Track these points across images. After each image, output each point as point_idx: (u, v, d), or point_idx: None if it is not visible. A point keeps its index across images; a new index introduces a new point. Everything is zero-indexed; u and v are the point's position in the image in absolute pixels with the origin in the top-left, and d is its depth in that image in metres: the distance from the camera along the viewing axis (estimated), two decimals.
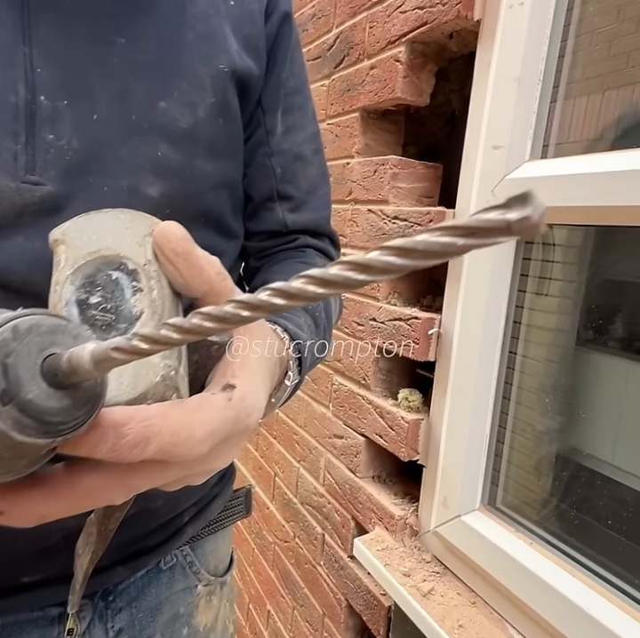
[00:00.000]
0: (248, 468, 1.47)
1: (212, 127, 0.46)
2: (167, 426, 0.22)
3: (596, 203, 0.60)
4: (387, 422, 0.90)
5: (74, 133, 0.40)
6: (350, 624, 1.03)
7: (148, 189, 0.42)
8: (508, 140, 0.71)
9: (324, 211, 0.60)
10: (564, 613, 0.63)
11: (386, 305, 0.91)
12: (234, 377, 0.28)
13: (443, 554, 0.84)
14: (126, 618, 0.51)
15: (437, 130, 1.09)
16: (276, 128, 0.54)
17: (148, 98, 0.43)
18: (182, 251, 0.27)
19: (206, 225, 0.48)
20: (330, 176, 0.62)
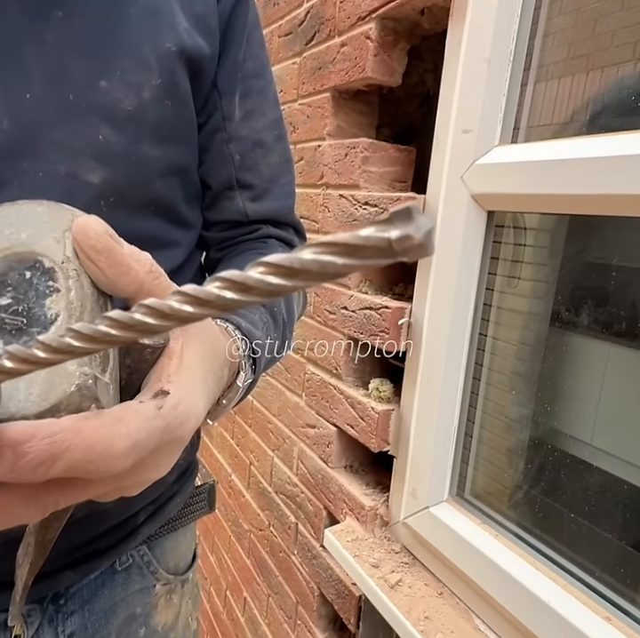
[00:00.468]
0: (224, 456, 1.46)
1: (158, 110, 0.43)
2: (78, 442, 0.20)
3: (567, 190, 0.58)
4: (357, 412, 0.88)
5: (4, 113, 0.37)
6: (323, 612, 1.03)
7: (88, 175, 0.40)
8: (478, 124, 0.68)
9: (287, 201, 0.57)
10: (527, 606, 0.63)
11: (357, 293, 0.89)
12: (168, 382, 0.26)
13: (412, 544, 0.83)
14: (78, 621, 0.50)
15: (412, 111, 1.06)
16: (233, 113, 0.51)
17: (86, 77, 0.39)
18: (103, 248, 0.24)
19: (156, 214, 0.46)
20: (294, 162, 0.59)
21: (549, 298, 0.74)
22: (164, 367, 0.27)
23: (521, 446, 0.78)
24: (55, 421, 0.21)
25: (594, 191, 0.55)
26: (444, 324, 0.74)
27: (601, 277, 0.67)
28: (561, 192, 0.59)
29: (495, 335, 0.77)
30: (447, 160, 0.73)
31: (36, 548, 0.31)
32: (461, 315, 0.74)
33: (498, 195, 0.67)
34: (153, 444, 0.24)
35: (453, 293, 0.73)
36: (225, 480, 1.44)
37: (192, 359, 0.28)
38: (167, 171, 0.45)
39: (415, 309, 0.80)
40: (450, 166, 0.73)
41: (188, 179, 0.49)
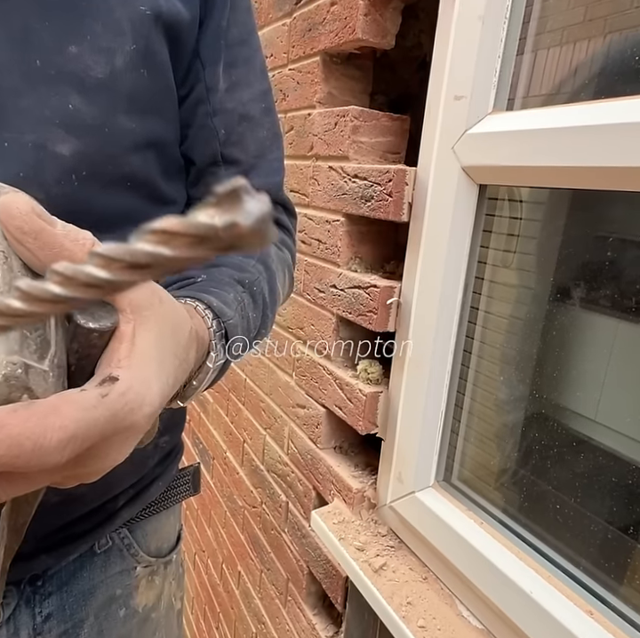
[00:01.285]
0: (220, 433, 1.45)
1: (133, 78, 0.40)
2: (3, 436, 0.19)
3: (569, 162, 0.53)
4: (345, 394, 0.86)
5: None
6: (312, 590, 1.03)
7: (57, 147, 0.37)
8: (471, 90, 0.63)
9: (275, 177, 0.54)
10: (510, 596, 0.61)
11: (346, 271, 0.85)
12: (118, 367, 0.25)
13: (399, 528, 0.82)
14: (56, 602, 0.49)
15: (409, 76, 1.00)
16: (217, 84, 0.48)
17: (54, 41, 0.37)
18: (30, 229, 0.23)
19: (132, 189, 0.43)
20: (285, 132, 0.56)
21: (548, 272, 0.70)
22: (113, 352, 0.25)
23: (512, 430, 0.75)
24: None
25: (600, 163, 0.50)
26: (432, 303, 0.71)
27: (603, 251, 0.63)
28: (561, 164, 0.54)
29: (488, 309, 0.74)
30: (438, 129, 0.69)
31: (9, 532, 0.30)
32: (451, 293, 0.70)
33: (490, 168, 0.62)
34: (96, 435, 0.23)
35: (442, 271, 0.69)
36: (220, 456, 1.44)
37: (146, 342, 0.26)
38: (143, 144, 0.43)
39: (404, 288, 0.77)
40: (441, 136, 0.68)
41: (167, 154, 0.46)
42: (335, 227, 0.87)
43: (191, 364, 0.32)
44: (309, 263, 0.95)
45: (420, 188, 0.73)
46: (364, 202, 0.80)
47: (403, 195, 0.74)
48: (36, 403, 0.21)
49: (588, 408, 0.65)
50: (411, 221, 0.75)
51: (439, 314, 0.70)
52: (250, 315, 0.43)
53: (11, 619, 0.46)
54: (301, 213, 0.97)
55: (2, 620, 0.46)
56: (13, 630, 0.46)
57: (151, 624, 0.59)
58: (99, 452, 0.25)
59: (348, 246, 0.86)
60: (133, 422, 0.24)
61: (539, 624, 0.57)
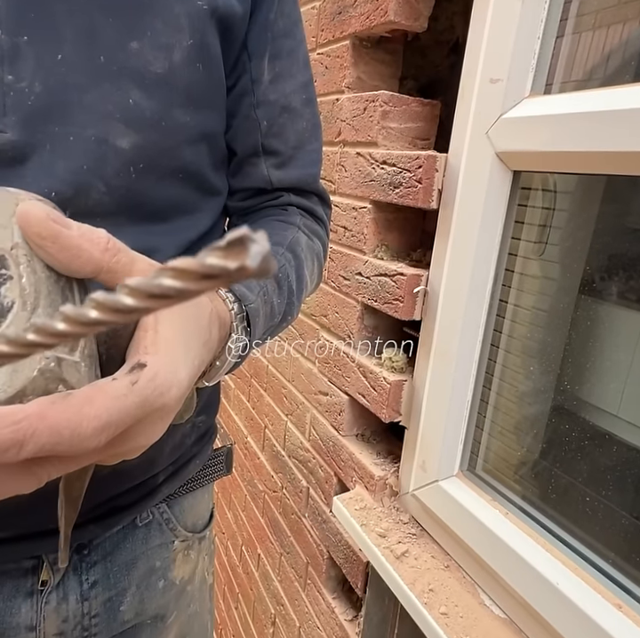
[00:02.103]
0: (241, 418, 1.47)
1: (189, 73, 0.42)
2: (43, 428, 0.21)
3: (608, 147, 0.51)
4: (369, 382, 0.86)
5: (36, 75, 0.35)
6: (332, 574, 1.04)
7: (118, 140, 0.39)
8: (507, 72, 0.61)
9: (313, 169, 0.55)
10: (534, 586, 0.61)
11: (372, 259, 0.85)
12: (145, 353, 0.26)
13: (421, 515, 0.82)
14: (101, 571, 0.52)
15: (440, 61, 0.98)
16: (262, 76, 0.49)
17: (118, 37, 0.38)
18: (47, 234, 0.24)
19: (185, 181, 0.45)
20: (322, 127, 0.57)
21: (580, 265, 0.68)
22: (139, 340, 0.27)
23: (539, 421, 0.74)
24: (20, 408, 0.22)
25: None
26: (461, 293, 0.70)
27: (636, 244, 0.62)
28: (599, 149, 0.53)
29: (517, 302, 0.73)
30: (472, 114, 0.67)
31: (66, 504, 0.34)
32: (480, 284, 0.69)
33: (525, 154, 0.61)
34: (129, 419, 0.24)
35: (472, 260, 0.68)
36: (241, 441, 1.46)
37: (168, 327, 0.28)
38: (197, 137, 0.44)
39: (432, 277, 0.76)
40: (474, 121, 0.67)
41: (216, 146, 0.48)
42: (362, 214, 0.86)
43: (215, 344, 0.34)
44: (334, 250, 0.95)
45: (450, 175, 0.72)
46: (392, 188, 0.79)
47: (433, 181, 0.73)
48: (72, 395, 0.23)
49: (611, 403, 0.64)
50: (440, 209, 0.74)
51: (467, 304, 0.69)
52: (274, 300, 0.44)
53: (60, 585, 0.49)
54: None
55: (53, 585, 0.49)
56: (63, 595, 0.49)
57: (187, 596, 0.62)
58: (134, 434, 0.26)
59: (375, 233, 0.85)
60: (163, 404, 0.26)
61: (565, 615, 0.57)
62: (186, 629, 0.63)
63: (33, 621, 0.48)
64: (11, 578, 0.47)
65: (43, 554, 0.48)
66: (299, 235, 0.52)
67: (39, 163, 0.37)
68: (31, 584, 0.48)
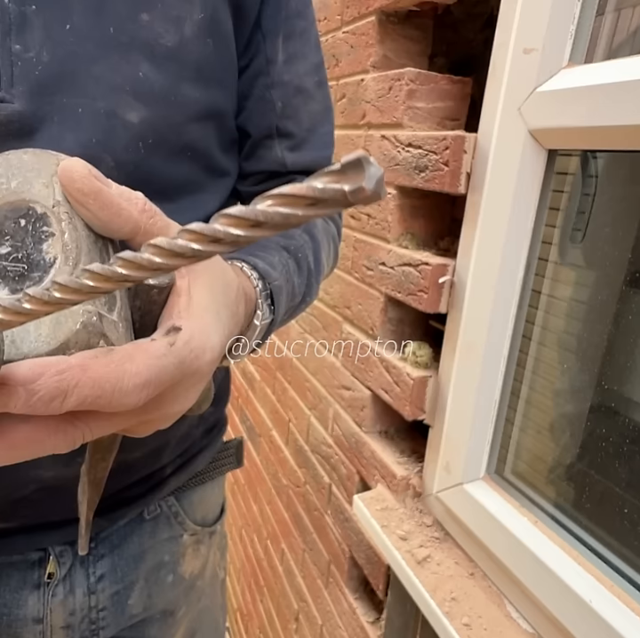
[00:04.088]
0: (266, 411, 1.45)
1: (199, 48, 0.41)
2: (86, 379, 0.22)
3: None
4: (392, 377, 0.82)
5: (44, 44, 0.35)
6: (353, 574, 1.01)
7: (127, 114, 0.38)
8: (543, 41, 0.56)
9: (326, 151, 0.54)
10: (565, 602, 0.56)
11: (396, 247, 0.80)
12: (179, 318, 0.27)
13: (445, 519, 0.78)
14: (108, 564, 0.51)
15: (473, 36, 0.92)
16: (277, 56, 0.48)
17: (128, 8, 0.37)
18: (90, 191, 0.24)
19: (192, 160, 0.44)
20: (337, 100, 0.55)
21: (623, 254, 0.62)
22: (173, 305, 0.27)
23: (575, 421, 0.68)
24: (64, 358, 0.22)
25: None
26: (489, 284, 0.65)
27: None
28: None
29: (552, 293, 0.67)
30: (503, 89, 0.62)
31: (90, 487, 0.35)
32: (510, 273, 0.64)
33: (562, 130, 0.55)
34: (167, 380, 0.25)
35: (502, 248, 0.63)
36: (266, 434, 1.44)
37: (201, 295, 0.28)
38: (204, 114, 0.43)
39: (459, 266, 0.71)
40: (506, 97, 0.62)
41: (225, 125, 0.47)
42: (386, 200, 0.82)
43: (241, 318, 0.34)
44: (358, 239, 0.91)
45: (480, 157, 0.66)
46: (417, 172, 0.74)
47: (460, 164, 0.68)
48: (114, 350, 0.23)
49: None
50: (468, 193, 0.69)
51: (496, 295, 0.64)
52: (295, 280, 0.43)
53: (67, 578, 0.49)
54: None
55: (59, 578, 0.48)
56: (69, 588, 0.49)
57: (196, 591, 0.61)
58: (170, 397, 0.27)
59: (399, 221, 0.81)
60: (198, 367, 0.27)
61: (599, 635, 0.52)
62: (196, 624, 0.62)
63: (40, 613, 0.48)
64: (17, 570, 0.47)
65: (49, 546, 0.48)
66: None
67: (47, 135, 0.36)
68: (38, 576, 0.48)
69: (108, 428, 0.25)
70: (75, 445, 0.24)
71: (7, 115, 0.34)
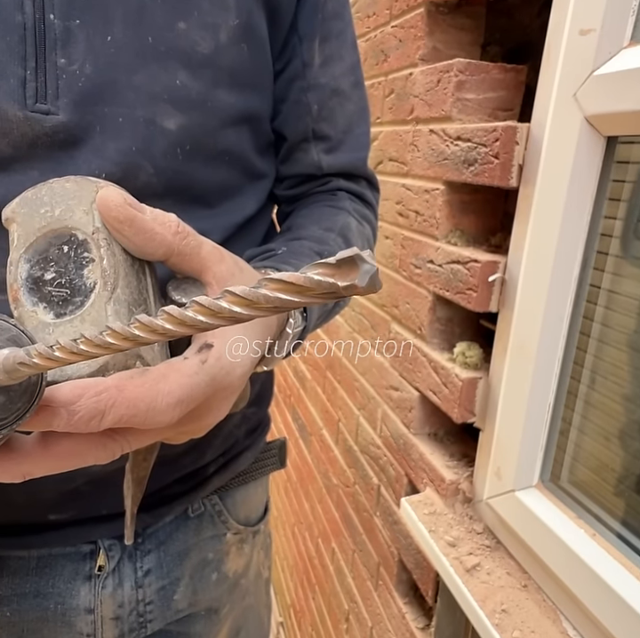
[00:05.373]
0: (317, 410, 1.46)
1: (234, 53, 0.41)
2: (122, 399, 0.23)
3: None
4: (440, 378, 0.79)
5: (87, 57, 0.36)
6: (403, 578, 1.00)
7: (165, 122, 0.39)
8: (601, 20, 0.52)
9: (362, 152, 0.54)
10: (629, 624, 0.52)
11: (444, 245, 0.78)
12: (211, 335, 0.28)
13: (496, 526, 0.75)
14: (154, 560, 0.53)
15: (529, 21, 0.87)
16: (313, 59, 0.48)
17: (165, 18, 0.38)
18: (125, 218, 0.26)
19: (229, 164, 0.45)
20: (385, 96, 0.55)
21: None
22: None
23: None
24: (102, 380, 0.23)
25: None
26: (542, 281, 0.62)
27: None
28: None
29: (613, 288, 0.62)
30: (558, 75, 0.58)
31: (134, 484, 0.37)
32: (565, 269, 0.60)
33: (622, 115, 0.51)
34: (199, 396, 0.26)
35: (555, 242, 0.59)
36: (317, 433, 1.45)
37: None
38: (239, 118, 0.44)
39: (510, 263, 0.68)
40: (560, 83, 0.58)
41: (261, 129, 0.47)
42: (434, 196, 0.80)
43: (273, 329, 0.34)
44: (406, 237, 0.89)
45: (532, 148, 0.63)
46: (466, 166, 0.72)
47: (512, 156, 0.65)
48: (148, 371, 0.25)
49: None
50: (521, 186, 0.66)
51: (550, 293, 0.61)
52: None
53: (116, 571, 0.51)
54: (399, 184, 0.91)
55: (109, 571, 0.50)
56: (118, 581, 0.51)
57: (240, 589, 0.62)
58: (203, 411, 0.28)
59: (448, 217, 0.78)
60: (230, 383, 0.28)
61: None
62: (241, 622, 0.63)
63: (91, 604, 0.50)
64: (70, 562, 0.49)
65: (98, 539, 0.50)
66: (349, 219, 0.50)
67: (90, 145, 0.37)
68: (89, 568, 0.50)
69: (146, 441, 0.27)
70: (114, 457, 0.26)
71: (52, 126, 0.36)
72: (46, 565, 0.48)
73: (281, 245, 0.44)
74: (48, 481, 0.34)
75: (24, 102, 0.35)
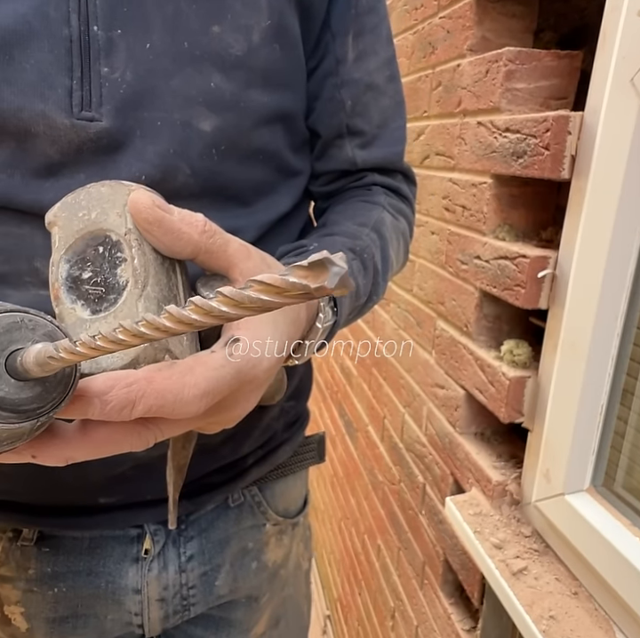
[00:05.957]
0: (362, 406, 1.46)
1: (267, 54, 0.42)
2: (151, 390, 0.24)
3: None
4: (487, 376, 0.78)
5: (127, 65, 0.38)
6: (448, 578, 0.98)
7: (200, 124, 0.41)
8: None
9: (397, 147, 0.54)
10: None
11: (492, 240, 0.76)
12: (238, 329, 0.29)
13: (545, 530, 0.72)
14: (197, 546, 0.55)
15: (586, 3, 0.83)
16: (346, 55, 0.48)
17: (200, 22, 0.40)
18: (154, 219, 0.27)
19: (264, 163, 0.45)
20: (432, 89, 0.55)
21: None
22: None
23: None
24: (132, 372, 0.25)
25: None
26: (595, 276, 0.59)
27: None
28: None
29: None
30: (614, 59, 0.56)
31: (174, 471, 0.39)
32: (619, 264, 0.57)
33: None
34: (225, 389, 0.27)
35: (610, 236, 0.57)
36: (363, 429, 1.45)
37: None
38: (273, 117, 0.44)
39: (561, 258, 0.65)
40: (616, 68, 0.55)
41: (294, 127, 0.48)
42: (481, 190, 0.78)
43: (302, 323, 0.35)
44: (452, 232, 0.87)
45: (586, 137, 0.60)
46: (515, 159, 0.69)
47: (564, 146, 0.62)
48: (176, 364, 0.26)
49: None
50: (573, 178, 0.63)
51: (603, 288, 0.58)
52: (359, 281, 0.43)
53: (161, 555, 0.53)
54: (446, 178, 0.89)
55: (154, 554, 0.53)
56: (163, 564, 0.53)
57: (280, 579, 0.63)
58: (231, 403, 0.29)
59: (496, 211, 0.76)
60: (255, 376, 0.29)
61: None
62: (280, 612, 0.64)
63: (138, 585, 0.52)
64: (119, 544, 0.52)
65: (144, 523, 0.52)
66: (384, 214, 0.50)
67: (131, 149, 0.39)
68: (136, 551, 0.52)
69: (177, 430, 0.28)
70: (148, 444, 0.27)
71: (97, 132, 0.38)
72: (97, 546, 0.51)
73: (313, 241, 0.44)
74: (96, 465, 0.36)
75: (70, 110, 0.37)
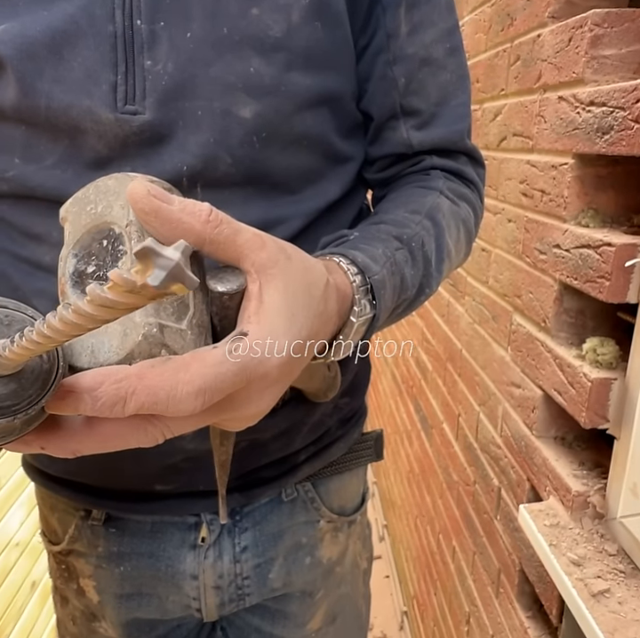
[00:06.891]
0: (437, 403, 1.41)
1: (308, 33, 0.40)
2: (142, 387, 0.24)
3: None
4: (567, 377, 0.71)
5: (169, 56, 0.38)
6: (525, 590, 0.92)
7: (240, 111, 0.40)
8: None
9: (459, 125, 0.49)
10: None
11: (573, 226, 0.69)
12: (249, 323, 0.27)
13: (633, 550, 0.65)
14: (251, 538, 0.56)
15: None
16: (399, 28, 0.45)
17: (239, 5, 0.39)
18: (150, 209, 0.26)
19: (309, 148, 0.44)
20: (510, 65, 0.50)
21: None
22: (244, 309, 0.28)
23: None
24: (123, 368, 0.24)
25: None
26: None
27: None
28: None
29: None
30: None
31: (217, 466, 0.40)
32: None
33: None
34: (227, 386, 0.25)
35: None
36: (437, 426, 1.40)
37: (273, 297, 0.28)
38: (317, 100, 0.42)
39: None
40: None
41: (342, 109, 0.45)
42: (562, 172, 0.71)
43: (332, 316, 0.33)
44: (530, 219, 0.80)
45: None
46: (599, 135, 0.62)
47: None
48: (171, 360, 0.25)
49: None
50: None
51: None
52: (405, 271, 0.40)
53: (216, 544, 0.54)
54: (523, 160, 0.83)
55: (210, 543, 0.54)
56: (218, 553, 0.55)
57: (335, 577, 0.62)
58: (242, 400, 0.27)
59: (579, 195, 0.69)
60: (265, 372, 0.27)
61: None
62: (336, 609, 0.63)
63: (195, 571, 0.54)
64: (179, 531, 0.54)
65: (200, 512, 0.53)
66: (440, 200, 0.46)
67: (174, 140, 0.39)
68: (194, 538, 0.54)
69: (187, 427, 0.27)
70: (157, 441, 0.27)
71: (140, 125, 0.38)
72: (158, 530, 0.53)
73: (355, 231, 0.42)
74: (151, 454, 0.37)
75: (115, 105, 0.37)
